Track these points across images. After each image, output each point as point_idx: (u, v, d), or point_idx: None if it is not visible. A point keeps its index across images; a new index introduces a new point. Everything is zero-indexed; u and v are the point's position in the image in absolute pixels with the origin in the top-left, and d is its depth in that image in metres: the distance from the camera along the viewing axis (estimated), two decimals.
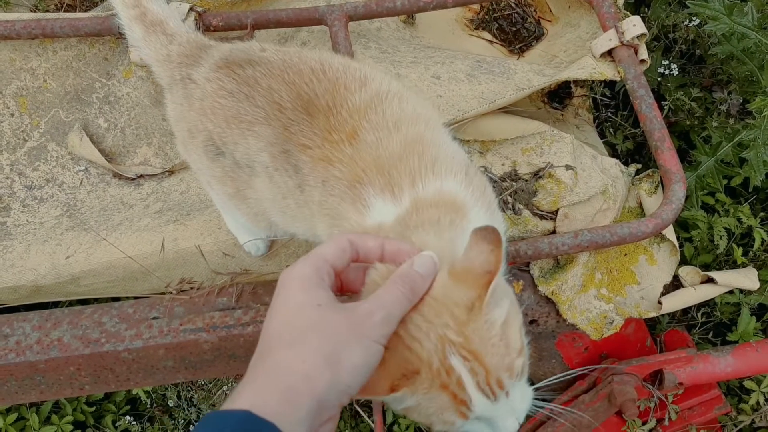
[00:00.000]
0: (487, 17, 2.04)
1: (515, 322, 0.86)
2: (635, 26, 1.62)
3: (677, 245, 1.53)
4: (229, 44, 1.29)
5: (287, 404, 0.67)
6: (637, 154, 2.07)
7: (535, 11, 2.06)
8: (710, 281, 1.54)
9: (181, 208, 1.64)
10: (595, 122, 1.99)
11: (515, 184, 1.54)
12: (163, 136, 1.77)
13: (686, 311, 1.96)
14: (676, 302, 1.51)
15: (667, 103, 1.97)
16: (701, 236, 1.82)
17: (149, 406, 2.05)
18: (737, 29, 1.69)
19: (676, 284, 1.55)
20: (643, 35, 1.63)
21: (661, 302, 1.49)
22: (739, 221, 1.84)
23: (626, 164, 1.65)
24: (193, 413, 2.01)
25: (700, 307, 1.91)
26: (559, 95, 1.94)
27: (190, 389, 2.02)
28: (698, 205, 1.85)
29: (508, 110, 1.67)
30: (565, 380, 1.70)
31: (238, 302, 1.45)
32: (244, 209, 1.29)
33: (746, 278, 1.59)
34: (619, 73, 1.64)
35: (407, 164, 1.00)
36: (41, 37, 1.71)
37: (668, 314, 1.94)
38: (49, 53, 1.79)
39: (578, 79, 1.67)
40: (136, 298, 1.52)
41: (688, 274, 1.54)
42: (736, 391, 1.86)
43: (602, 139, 1.92)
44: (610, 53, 1.67)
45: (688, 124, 2.00)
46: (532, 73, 1.70)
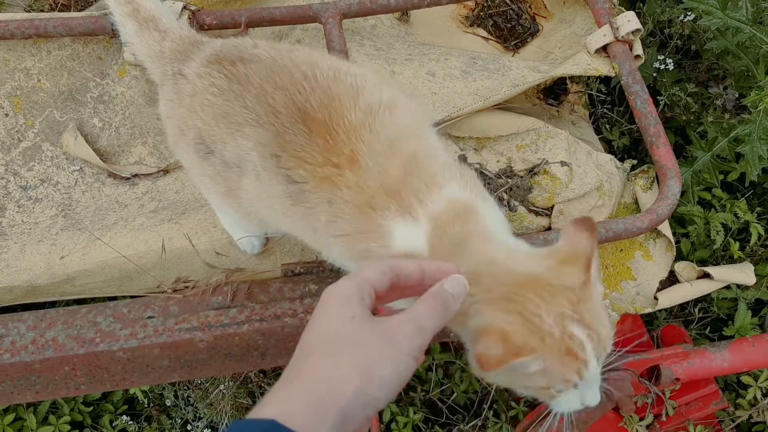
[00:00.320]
0: (482, 14, 2.04)
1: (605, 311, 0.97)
2: (630, 22, 1.62)
3: (673, 241, 1.53)
4: (221, 39, 1.28)
5: (313, 415, 0.67)
6: (633, 150, 2.07)
7: (530, 8, 2.06)
8: (706, 276, 1.54)
9: (176, 207, 1.64)
10: (591, 118, 1.98)
11: (510, 180, 1.53)
12: (157, 135, 1.76)
13: (683, 307, 1.96)
14: (672, 298, 1.51)
15: (662, 98, 1.97)
16: (698, 232, 1.82)
17: (146, 405, 2.05)
18: (731, 24, 1.69)
19: (672, 280, 1.56)
20: (637, 31, 1.63)
21: (657, 298, 1.50)
22: (735, 216, 1.84)
23: (622, 160, 1.65)
24: (189, 412, 2.01)
25: (697, 302, 1.91)
26: (554, 92, 1.94)
27: (187, 388, 2.02)
28: (695, 200, 1.85)
29: (503, 107, 1.67)
30: None
31: (233, 301, 1.45)
32: (237, 207, 1.29)
33: (742, 273, 1.59)
34: (613, 68, 1.64)
35: (411, 185, 1.03)
36: (35, 36, 1.71)
37: (665, 310, 1.94)
38: (43, 53, 1.79)
39: (573, 75, 1.67)
40: (131, 297, 1.52)
41: (684, 269, 1.54)
42: (733, 386, 1.86)
43: (598, 135, 1.92)
44: (604, 49, 1.67)
45: (684, 119, 2.00)
46: (526, 69, 1.70)
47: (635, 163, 1.65)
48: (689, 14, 1.98)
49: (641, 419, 1.65)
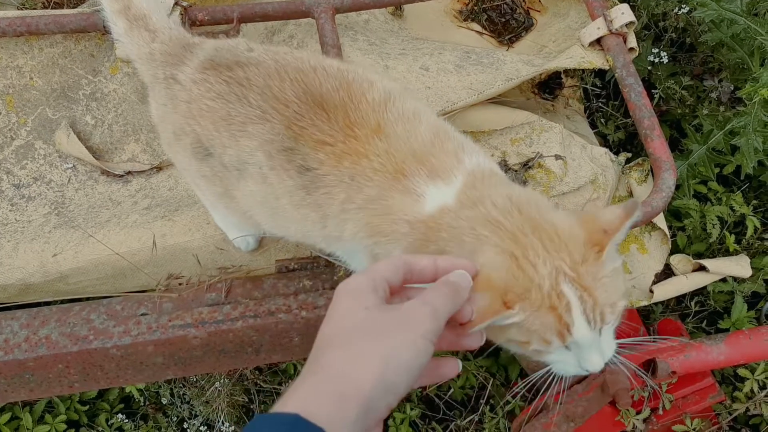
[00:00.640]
0: (476, 8, 2.03)
1: (622, 273, 0.95)
2: (624, 14, 1.61)
3: (668, 234, 1.53)
4: (213, 42, 1.27)
5: (336, 408, 0.66)
6: (628, 143, 2.07)
7: (524, 2, 2.05)
8: (702, 269, 1.54)
9: (169, 204, 1.63)
10: (586, 113, 1.98)
11: (505, 174, 1.53)
12: (150, 132, 1.76)
13: (680, 300, 1.96)
14: (667, 290, 1.50)
15: (657, 91, 1.97)
16: (694, 225, 1.81)
17: (142, 404, 2.05)
18: (726, 15, 1.69)
19: (667, 273, 1.55)
20: (631, 23, 1.62)
21: (652, 291, 1.49)
22: (731, 209, 1.83)
23: (617, 154, 1.65)
24: (185, 410, 2.01)
25: (693, 296, 1.90)
26: (549, 86, 1.93)
27: (182, 386, 2.01)
28: (690, 193, 1.84)
29: (497, 101, 1.66)
30: None
31: (227, 297, 1.45)
32: (233, 208, 1.28)
33: (738, 265, 1.58)
34: (608, 61, 1.63)
35: (443, 147, 1.05)
36: (26, 34, 1.70)
37: (662, 304, 1.93)
38: (35, 51, 1.78)
39: (567, 68, 1.66)
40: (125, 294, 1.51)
41: (679, 262, 1.54)
42: (730, 379, 1.86)
43: (593, 129, 1.92)
44: (599, 42, 1.66)
45: (679, 112, 1.99)
46: (520, 63, 1.69)
47: (630, 156, 1.64)
48: (684, 6, 1.98)
49: (638, 413, 1.65)
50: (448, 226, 0.97)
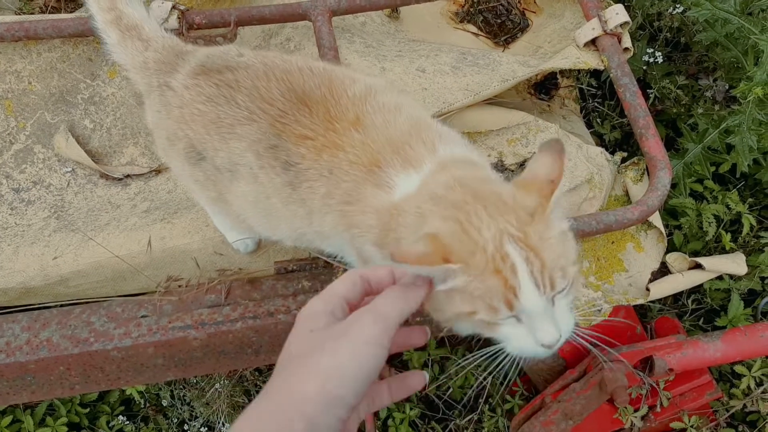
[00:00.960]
0: (471, 10, 2.05)
1: (572, 239, 0.90)
2: (618, 15, 1.62)
3: (664, 232, 1.54)
4: (205, 49, 1.28)
5: (281, 428, 0.67)
6: (624, 143, 2.08)
7: (519, 3, 2.07)
8: (698, 267, 1.55)
9: (168, 206, 1.64)
10: (582, 113, 1.99)
11: (502, 175, 1.54)
12: (148, 135, 1.77)
13: (677, 299, 1.96)
14: (664, 288, 1.51)
15: (653, 91, 1.98)
16: (690, 223, 1.82)
17: (143, 406, 2.05)
18: (720, 15, 1.70)
19: (663, 271, 1.56)
20: (626, 23, 1.63)
21: (648, 289, 1.50)
22: (727, 208, 1.84)
23: (613, 154, 1.66)
24: (186, 412, 2.01)
25: (690, 294, 1.91)
26: (545, 86, 1.94)
27: (182, 388, 2.02)
28: (686, 192, 1.85)
29: (493, 102, 1.67)
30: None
31: (227, 299, 1.45)
32: (227, 211, 1.30)
33: (734, 263, 1.59)
34: (603, 61, 1.64)
35: (419, 137, 1.04)
36: (25, 39, 1.71)
37: (659, 302, 1.94)
38: (33, 55, 1.79)
39: (562, 68, 1.67)
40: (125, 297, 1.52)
41: (675, 260, 1.55)
42: (727, 376, 1.86)
43: (589, 129, 1.93)
44: (593, 42, 1.67)
45: (674, 112, 2.00)
46: (516, 64, 1.70)
47: (626, 155, 1.65)
48: (678, 6, 1.99)
49: (636, 410, 1.65)
50: (402, 210, 0.96)
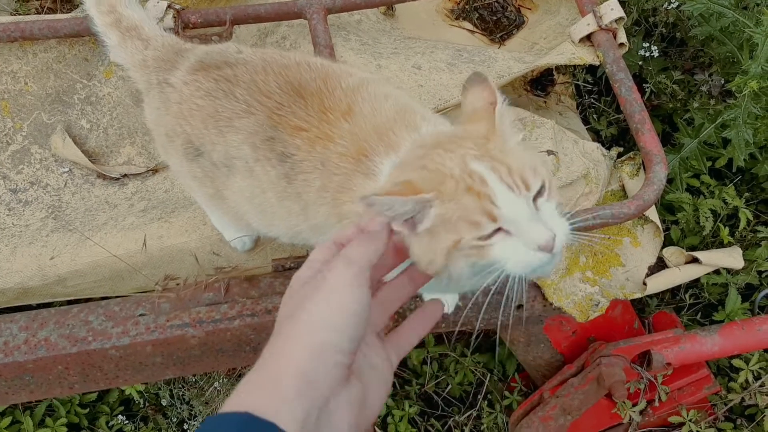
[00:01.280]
0: (467, 7, 2.05)
1: (533, 149, 0.95)
2: (613, 10, 1.63)
3: (660, 226, 1.54)
4: (204, 46, 1.29)
5: (271, 390, 0.66)
6: (621, 139, 2.08)
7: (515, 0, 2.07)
8: (695, 261, 1.55)
9: (165, 205, 1.64)
10: (578, 109, 1.99)
11: None
12: (145, 135, 1.77)
13: (674, 293, 1.97)
14: (660, 283, 1.52)
15: (648, 86, 1.98)
16: (687, 218, 1.82)
17: (142, 405, 2.05)
18: (714, 9, 1.70)
19: (660, 265, 1.56)
20: (621, 19, 1.63)
21: (645, 283, 1.50)
22: (724, 202, 1.84)
23: (610, 149, 1.66)
24: (185, 411, 2.02)
25: (687, 288, 1.92)
26: (541, 83, 1.94)
27: (182, 387, 2.02)
28: (683, 187, 1.85)
29: None
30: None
31: (224, 297, 1.46)
32: (224, 209, 1.30)
33: (730, 257, 1.60)
34: (598, 57, 1.64)
35: (403, 121, 1.05)
36: (21, 39, 1.71)
37: (657, 297, 1.95)
38: (29, 56, 1.79)
39: (558, 64, 1.67)
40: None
41: (672, 254, 1.55)
42: (725, 370, 1.87)
43: (586, 125, 1.93)
44: (589, 38, 1.67)
45: (670, 107, 2.01)
46: (512, 60, 1.71)
47: (622, 150, 1.65)
48: (673, 1, 1.99)
49: (634, 405, 1.66)
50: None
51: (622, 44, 1.66)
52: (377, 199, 0.79)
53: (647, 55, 1.99)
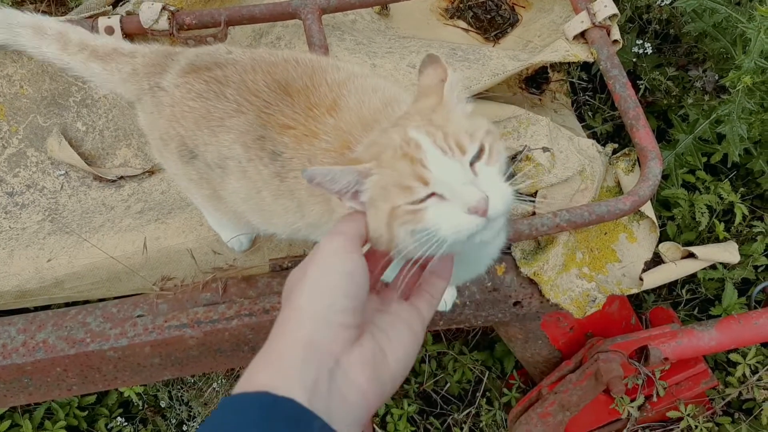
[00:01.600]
0: (461, 6, 2.05)
1: (483, 118, 0.91)
2: (606, 7, 1.63)
3: (656, 222, 1.55)
4: (194, 49, 1.30)
5: (277, 362, 0.68)
6: (616, 136, 2.09)
7: None
8: (691, 256, 1.55)
9: (162, 207, 1.64)
10: (573, 106, 2.00)
11: None
12: (141, 137, 1.77)
13: (671, 289, 1.98)
14: (657, 278, 1.52)
15: (643, 82, 1.98)
16: (683, 214, 1.83)
17: (141, 407, 2.06)
18: (707, 5, 1.71)
19: (656, 261, 1.57)
20: (614, 16, 1.64)
21: (642, 278, 1.51)
22: (719, 197, 1.85)
23: (605, 146, 1.66)
24: (184, 412, 2.02)
25: (684, 284, 1.92)
26: (536, 80, 1.95)
27: (180, 388, 2.02)
28: (679, 183, 1.86)
29: (484, 96, 1.68)
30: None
31: (222, 297, 1.46)
32: (223, 209, 1.30)
33: (726, 252, 1.60)
34: (592, 54, 1.65)
35: (393, 111, 1.04)
36: None
37: (654, 293, 1.95)
38: (24, 59, 1.78)
39: (552, 62, 1.67)
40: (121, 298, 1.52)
41: (668, 249, 1.56)
42: (723, 365, 1.88)
43: (581, 122, 1.93)
44: (583, 35, 1.68)
45: (665, 103, 2.02)
46: (506, 58, 1.71)
47: (617, 147, 1.66)
48: None
49: (632, 400, 1.66)
50: None
51: (616, 41, 1.67)
52: (317, 170, 0.81)
53: (641, 51, 2.00)
